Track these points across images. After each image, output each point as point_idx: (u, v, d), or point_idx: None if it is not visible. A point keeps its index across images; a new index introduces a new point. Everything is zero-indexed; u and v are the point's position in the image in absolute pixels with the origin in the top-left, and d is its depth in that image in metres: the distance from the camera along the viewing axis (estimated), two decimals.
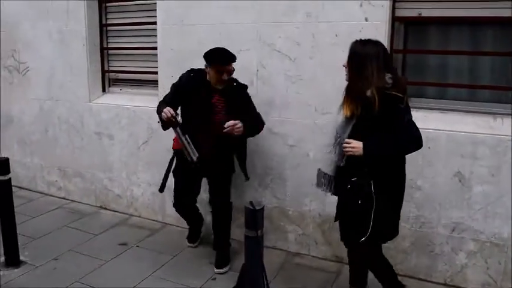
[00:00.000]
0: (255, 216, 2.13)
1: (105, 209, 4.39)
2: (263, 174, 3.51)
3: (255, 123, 3.11)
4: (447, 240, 2.98)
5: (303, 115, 3.28)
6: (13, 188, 3.36)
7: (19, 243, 3.35)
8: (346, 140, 2.27)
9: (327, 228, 3.34)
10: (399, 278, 3.07)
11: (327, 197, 3.27)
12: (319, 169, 2.52)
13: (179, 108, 3.18)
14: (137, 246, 3.63)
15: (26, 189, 4.86)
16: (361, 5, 2.97)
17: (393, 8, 2.99)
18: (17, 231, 3.35)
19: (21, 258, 3.36)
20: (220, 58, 3.01)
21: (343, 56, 3.03)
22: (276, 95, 3.35)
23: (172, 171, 3.28)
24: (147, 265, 3.30)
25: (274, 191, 3.50)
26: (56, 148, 4.58)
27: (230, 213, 3.31)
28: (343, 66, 2.40)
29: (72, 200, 4.60)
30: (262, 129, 3.19)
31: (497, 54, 2.88)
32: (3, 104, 4.84)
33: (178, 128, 3.00)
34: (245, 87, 3.18)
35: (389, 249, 2.93)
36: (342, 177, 2.39)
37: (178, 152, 3.13)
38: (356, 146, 2.24)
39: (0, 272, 3.19)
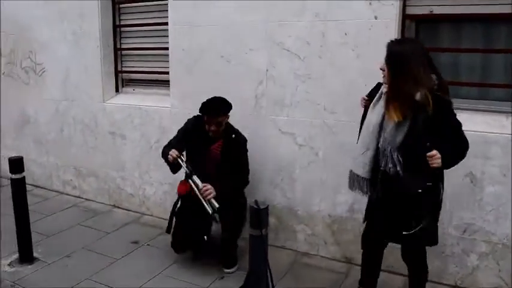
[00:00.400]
0: (259, 216, 2.13)
1: (118, 207, 4.45)
2: (274, 174, 3.51)
3: (235, 185, 3.15)
4: (458, 241, 2.93)
5: (312, 114, 3.27)
6: (29, 186, 3.45)
7: (33, 241, 3.42)
8: (431, 153, 2.13)
9: (336, 228, 3.32)
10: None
11: (337, 197, 3.27)
12: (351, 171, 2.45)
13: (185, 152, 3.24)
14: (148, 244, 3.66)
15: (42, 187, 4.96)
16: (370, 4, 2.95)
17: (404, 6, 2.96)
18: (31, 229, 3.42)
19: (35, 255, 3.43)
20: (207, 110, 3.07)
21: (353, 55, 3.07)
22: (286, 94, 3.34)
23: (176, 213, 3.29)
24: (157, 263, 3.33)
25: (284, 191, 3.50)
26: (71, 147, 4.66)
27: (240, 229, 3.27)
28: (380, 69, 2.32)
29: (86, 199, 4.67)
30: (243, 189, 3.25)
31: (510, 51, 2.82)
32: (20, 104, 4.95)
33: (192, 177, 3.02)
34: (243, 141, 3.20)
35: (399, 250, 2.89)
36: (393, 181, 2.27)
37: (184, 196, 3.20)
38: (439, 157, 2.14)
39: (14, 268, 3.26)
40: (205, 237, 3.22)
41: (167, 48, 3.88)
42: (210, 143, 3.15)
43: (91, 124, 4.47)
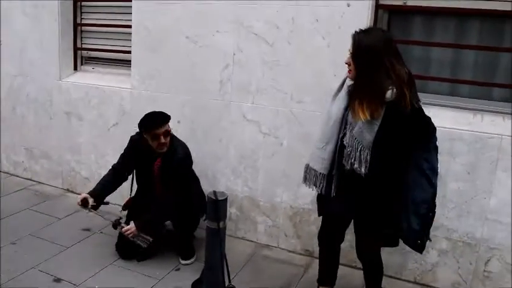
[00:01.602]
0: (217, 208, 2.00)
1: (72, 192, 4.22)
2: (236, 162, 3.39)
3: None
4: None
5: (278, 102, 3.15)
6: None
7: None
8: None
9: (298, 221, 3.23)
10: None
11: (300, 189, 3.17)
12: (308, 165, 2.31)
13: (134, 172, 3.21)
14: (101, 232, 3.47)
15: None
16: None
17: None
18: None
19: None
20: (152, 122, 2.95)
21: (323, 43, 2.96)
22: (252, 80, 3.21)
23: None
24: (109, 253, 3.15)
25: (247, 180, 3.38)
26: (23, 127, 4.37)
27: (195, 226, 3.19)
28: (346, 63, 2.13)
29: (38, 182, 4.41)
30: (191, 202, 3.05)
31: (482, 48, 2.78)
32: None
33: (119, 227, 3.03)
34: (185, 156, 3.02)
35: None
36: (354, 179, 2.16)
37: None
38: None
39: None
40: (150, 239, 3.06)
41: (130, 26, 3.66)
42: (153, 159, 3.04)
43: (46, 103, 4.20)
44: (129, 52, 3.71)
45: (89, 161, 4.07)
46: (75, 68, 4.18)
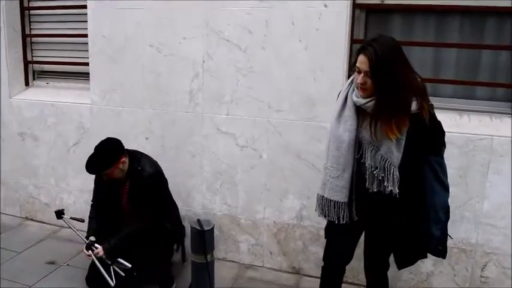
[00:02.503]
0: (203, 239, 1.75)
1: (32, 220, 3.85)
2: (212, 178, 3.14)
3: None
4: None
5: (255, 112, 2.94)
6: None
7: None
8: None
9: (283, 237, 3.03)
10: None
11: (283, 204, 2.98)
12: (323, 196, 2.03)
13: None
14: (67, 264, 3.15)
15: None
16: None
17: None
18: None
19: None
20: (86, 169, 2.70)
21: (300, 47, 2.76)
22: (225, 89, 2.98)
23: None
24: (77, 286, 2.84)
25: (225, 197, 3.14)
26: None
27: (170, 255, 2.91)
28: (358, 83, 1.82)
29: None
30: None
31: (463, 46, 2.67)
32: None
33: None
34: (152, 174, 2.73)
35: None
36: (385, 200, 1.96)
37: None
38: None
39: None
40: (134, 273, 2.75)
41: (86, 35, 3.34)
42: (121, 186, 2.77)
43: None
44: (87, 64, 3.39)
45: (48, 185, 3.72)
46: (27, 84, 3.81)
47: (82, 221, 2.86)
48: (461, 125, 2.60)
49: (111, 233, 2.74)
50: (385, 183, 1.89)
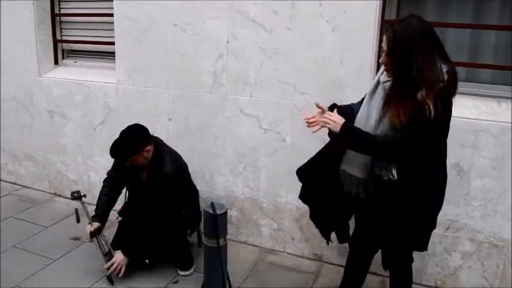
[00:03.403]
0: (215, 223, 1.71)
1: (59, 196, 3.93)
2: (235, 161, 3.10)
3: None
4: (440, 239, 2.64)
5: (279, 94, 2.85)
6: None
7: None
8: (328, 113, 1.88)
9: (305, 223, 2.96)
10: (385, 279, 2.78)
11: None
12: (344, 170, 2.02)
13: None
14: (91, 241, 3.19)
15: None
16: None
17: None
18: None
19: None
20: (111, 154, 2.70)
21: (327, 28, 2.64)
22: (249, 70, 2.90)
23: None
24: (100, 265, 2.86)
25: (247, 181, 3.10)
26: (4, 128, 4.05)
27: (186, 234, 2.92)
28: (381, 63, 1.85)
29: (23, 186, 4.12)
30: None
31: (503, 28, 2.48)
32: None
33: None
34: (170, 176, 2.66)
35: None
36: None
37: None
38: (336, 120, 1.83)
39: None
40: (146, 261, 2.82)
41: (113, 15, 3.32)
42: (140, 170, 2.76)
43: (25, 101, 3.88)
44: (113, 43, 3.38)
45: (76, 162, 3.78)
46: (56, 62, 3.85)
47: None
48: (499, 113, 2.44)
49: (129, 209, 2.79)
50: (384, 168, 1.84)
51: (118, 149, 2.67)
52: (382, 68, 1.92)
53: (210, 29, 2.95)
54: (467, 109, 2.48)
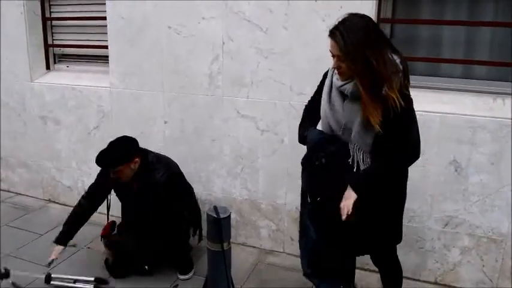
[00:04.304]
0: (219, 227, 1.70)
1: (54, 202, 3.88)
2: (233, 163, 3.08)
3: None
4: (439, 235, 2.65)
5: (276, 95, 2.85)
6: None
7: None
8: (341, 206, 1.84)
9: None
10: None
11: None
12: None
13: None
14: (88, 247, 3.16)
15: None
16: None
17: None
18: None
19: None
20: (97, 162, 2.65)
21: (323, 26, 2.64)
22: (245, 71, 2.89)
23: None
24: (98, 272, 2.84)
25: (245, 182, 3.08)
26: None
27: (187, 238, 2.90)
28: (333, 68, 1.86)
29: (17, 193, 4.06)
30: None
31: (499, 24, 2.50)
32: None
33: None
34: (163, 182, 2.63)
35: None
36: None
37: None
38: (348, 204, 1.81)
39: None
40: (146, 267, 2.81)
41: (105, 18, 3.29)
42: (128, 186, 2.71)
43: (18, 107, 3.83)
44: (107, 47, 3.35)
45: (70, 168, 3.73)
46: (48, 67, 3.81)
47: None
48: (495, 109, 2.45)
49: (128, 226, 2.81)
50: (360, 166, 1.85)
51: (106, 157, 2.61)
52: (331, 70, 1.92)
53: (204, 30, 2.93)
54: (464, 105, 2.50)
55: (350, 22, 1.71)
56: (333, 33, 1.74)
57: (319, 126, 2.05)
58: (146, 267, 2.79)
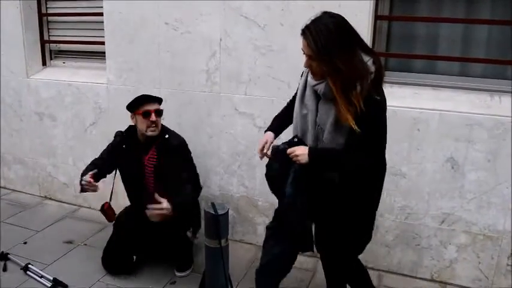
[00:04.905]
0: (217, 223, 1.70)
1: (50, 199, 3.87)
2: (230, 160, 3.08)
3: (184, 200, 2.58)
4: (435, 232, 2.66)
5: (274, 92, 2.84)
6: None
7: None
8: (289, 149, 1.83)
9: None
10: (381, 273, 2.80)
11: None
12: None
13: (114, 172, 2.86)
14: (85, 244, 3.16)
15: None
16: None
17: None
18: None
19: None
20: (142, 98, 2.65)
21: None
22: (243, 68, 2.89)
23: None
24: (95, 268, 2.84)
25: (242, 179, 3.08)
26: None
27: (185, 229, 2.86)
28: (305, 67, 1.84)
29: (13, 190, 4.05)
30: (190, 202, 2.69)
31: (496, 22, 2.50)
32: None
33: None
34: (180, 143, 2.70)
35: (370, 243, 2.58)
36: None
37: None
38: (299, 153, 1.79)
39: None
40: (134, 257, 2.81)
41: (102, 14, 3.28)
42: (142, 153, 2.69)
43: (14, 103, 3.81)
44: (103, 43, 3.34)
45: (67, 164, 3.72)
46: (44, 64, 3.79)
47: None
48: (492, 107, 2.46)
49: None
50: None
51: (147, 95, 2.68)
52: (306, 69, 1.90)
53: (202, 26, 2.93)
54: (460, 103, 2.50)
55: (321, 22, 1.68)
56: (303, 33, 1.72)
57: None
58: (134, 257, 2.78)
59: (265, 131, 2.15)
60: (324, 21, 1.68)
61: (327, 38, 1.64)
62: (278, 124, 2.18)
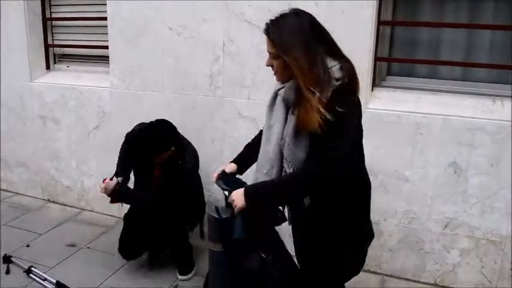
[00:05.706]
0: (220, 227, 1.70)
1: (53, 202, 3.88)
2: None
3: (134, 196, 2.72)
4: (438, 237, 2.66)
5: None
6: None
7: None
8: (230, 198, 1.65)
9: None
10: (384, 278, 2.80)
11: None
12: None
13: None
14: (87, 247, 3.16)
15: None
16: None
17: None
18: None
19: None
20: (147, 148, 2.63)
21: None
22: (246, 73, 2.90)
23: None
24: (97, 271, 2.85)
25: (245, 183, 3.08)
26: None
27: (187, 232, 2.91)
28: (266, 65, 1.67)
29: (15, 193, 4.06)
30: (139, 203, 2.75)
31: (498, 27, 2.52)
32: None
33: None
34: (189, 171, 2.70)
35: (373, 247, 2.58)
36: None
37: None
38: (236, 197, 1.60)
39: None
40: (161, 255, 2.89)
41: (106, 18, 3.30)
42: (152, 167, 2.74)
43: (17, 107, 3.83)
44: (107, 47, 3.36)
45: (70, 168, 3.73)
46: (48, 67, 3.81)
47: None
48: (494, 111, 2.47)
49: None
50: None
51: (148, 140, 2.61)
52: None
53: (205, 31, 2.94)
54: (463, 108, 2.51)
55: (284, 19, 1.56)
56: (266, 29, 1.59)
57: None
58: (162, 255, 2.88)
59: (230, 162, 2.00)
60: (288, 18, 1.56)
61: (287, 35, 1.52)
62: (246, 155, 2.06)
